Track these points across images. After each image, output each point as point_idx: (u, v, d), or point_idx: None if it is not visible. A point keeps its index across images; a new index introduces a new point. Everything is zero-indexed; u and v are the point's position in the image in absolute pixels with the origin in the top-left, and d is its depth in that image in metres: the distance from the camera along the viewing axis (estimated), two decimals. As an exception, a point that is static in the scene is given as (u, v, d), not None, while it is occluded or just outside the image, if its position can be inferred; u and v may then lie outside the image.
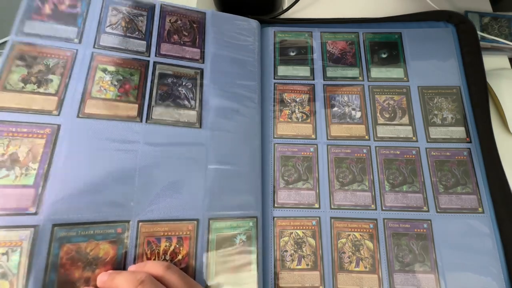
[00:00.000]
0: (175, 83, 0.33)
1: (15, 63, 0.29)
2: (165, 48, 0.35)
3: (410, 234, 0.31)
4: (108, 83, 0.31)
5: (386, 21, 0.42)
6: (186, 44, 0.36)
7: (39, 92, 0.29)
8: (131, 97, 0.31)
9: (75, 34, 0.32)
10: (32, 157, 0.26)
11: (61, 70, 0.30)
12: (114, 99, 0.31)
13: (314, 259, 0.31)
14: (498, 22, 0.43)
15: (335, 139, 0.35)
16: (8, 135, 0.27)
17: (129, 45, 0.34)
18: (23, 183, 0.26)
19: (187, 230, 0.29)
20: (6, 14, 0.47)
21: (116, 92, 0.31)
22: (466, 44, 0.39)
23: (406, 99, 0.37)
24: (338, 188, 0.33)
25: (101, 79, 0.31)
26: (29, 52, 0.30)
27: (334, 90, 0.38)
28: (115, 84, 0.31)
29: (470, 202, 0.32)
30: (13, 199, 0.25)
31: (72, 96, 0.29)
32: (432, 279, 0.30)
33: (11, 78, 0.29)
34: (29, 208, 0.25)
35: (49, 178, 0.26)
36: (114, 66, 0.32)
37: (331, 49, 0.40)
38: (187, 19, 0.37)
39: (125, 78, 0.32)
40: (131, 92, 0.31)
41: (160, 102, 0.32)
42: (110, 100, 0.30)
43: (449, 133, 0.35)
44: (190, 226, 0.29)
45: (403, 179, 0.34)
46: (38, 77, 0.29)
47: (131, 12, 0.35)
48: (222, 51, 0.37)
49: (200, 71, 0.35)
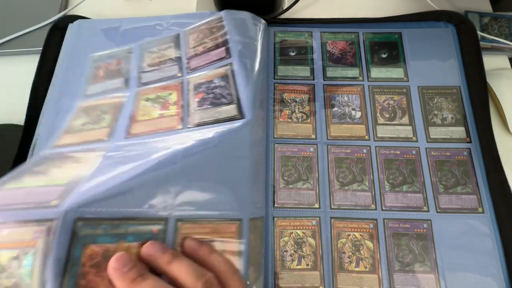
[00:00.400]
0: (208, 87, 0.34)
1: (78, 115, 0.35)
2: (194, 63, 0.37)
3: (410, 234, 0.31)
4: (150, 107, 0.34)
5: (386, 21, 0.42)
6: (211, 49, 0.37)
7: (94, 128, 0.34)
8: (171, 111, 0.33)
9: (122, 83, 0.37)
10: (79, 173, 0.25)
11: (112, 110, 0.35)
12: (157, 117, 0.33)
13: (314, 259, 0.31)
14: (498, 22, 0.43)
15: (335, 139, 0.35)
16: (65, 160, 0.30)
17: (165, 74, 0.37)
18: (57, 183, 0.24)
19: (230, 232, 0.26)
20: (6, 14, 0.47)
21: (158, 112, 0.33)
22: (466, 44, 0.39)
23: (406, 99, 0.37)
24: (338, 188, 0.33)
25: (144, 106, 0.34)
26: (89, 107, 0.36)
27: (334, 90, 0.38)
28: (155, 106, 0.34)
29: (470, 202, 0.32)
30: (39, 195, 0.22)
31: (120, 125, 0.33)
32: (432, 279, 0.30)
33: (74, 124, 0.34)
34: (51, 201, 0.21)
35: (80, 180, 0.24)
36: (154, 94, 0.35)
37: (331, 49, 0.40)
38: (206, 27, 0.39)
39: (164, 99, 0.34)
40: (172, 107, 0.34)
41: (198, 109, 0.33)
42: (154, 119, 0.33)
43: (449, 133, 0.35)
44: (233, 227, 0.26)
45: (403, 179, 0.34)
46: (95, 118, 0.35)
47: (161, 48, 0.39)
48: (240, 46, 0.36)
49: (229, 65, 0.34)
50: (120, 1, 0.48)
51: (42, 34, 0.42)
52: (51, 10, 0.46)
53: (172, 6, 0.46)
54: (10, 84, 0.43)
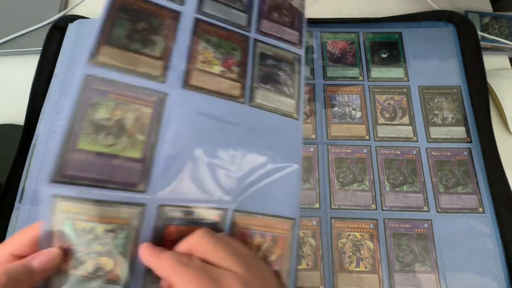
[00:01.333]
0: (275, 66, 0.30)
1: (118, 15, 0.26)
2: (265, 26, 0.31)
3: (410, 234, 0.31)
4: (212, 55, 0.28)
5: (386, 21, 0.42)
6: (286, 25, 0.32)
7: (144, 53, 0.25)
8: (234, 74, 0.28)
9: None
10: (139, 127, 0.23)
11: (165, 32, 0.27)
12: (219, 74, 0.28)
13: (314, 259, 0.31)
14: (498, 22, 0.43)
15: (336, 139, 0.35)
16: (114, 97, 0.23)
17: (231, 17, 0.30)
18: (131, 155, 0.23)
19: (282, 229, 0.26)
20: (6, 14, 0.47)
21: (220, 67, 0.28)
22: (467, 44, 0.39)
23: (406, 99, 0.37)
24: (339, 188, 0.33)
25: (205, 50, 0.28)
26: (132, 5, 0.26)
27: (334, 90, 0.38)
28: (219, 58, 0.28)
29: (471, 202, 0.32)
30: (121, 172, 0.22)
31: (177, 64, 0.26)
32: (433, 279, 0.30)
33: (115, 31, 0.25)
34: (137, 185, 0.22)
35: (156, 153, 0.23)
36: (217, 38, 0.29)
37: (331, 49, 0.40)
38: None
39: (228, 52, 0.29)
40: (234, 69, 0.28)
41: (262, 85, 0.29)
42: (214, 75, 0.27)
43: (449, 133, 0.35)
44: (285, 225, 0.26)
45: (404, 179, 0.34)
46: (143, 35, 0.26)
47: None
48: None
49: (298, 57, 0.32)
50: (120, 1, 0.48)
51: (42, 34, 0.42)
52: (51, 10, 0.46)
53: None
54: (10, 84, 0.43)
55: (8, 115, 0.40)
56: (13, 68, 0.44)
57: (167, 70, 0.26)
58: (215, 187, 0.25)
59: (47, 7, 0.47)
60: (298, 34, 0.32)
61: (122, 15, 0.25)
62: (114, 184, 0.22)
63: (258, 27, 0.31)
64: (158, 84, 0.25)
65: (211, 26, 0.29)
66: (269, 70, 0.30)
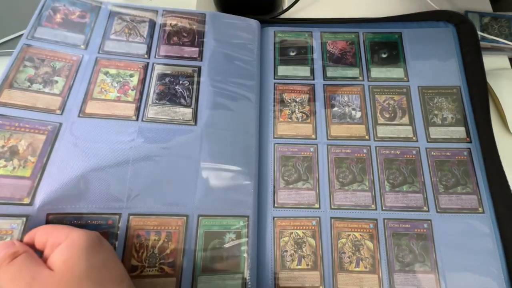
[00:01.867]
0: (172, 82, 0.34)
1: (24, 64, 0.31)
2: (164, 50, 0.36)
3: (410, 234, 0.31)
4: (108, 84, 0.33)
5: (386, 21, 0.42)
6: (185, 44, 0.37)
7: (44, 92, 0.31)
8: (129, 97, 0.33)
9: (82, 41, 0.35)
10: (31, 151, 0.28)
11: (66, 72, 0.32)
12: (113, 100, 0.32)
13: (314, 259, 0.31)
14: (498, 22, 0.43)
15: (335, 139, 0.35)
16: (10, 129, 0.28)
17: (131, 49, 0.36)
18: (20, 174, 0.27)
19: (176, 225, 0.29)
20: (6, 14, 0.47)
21: (116, 93, 0.33)
22: (466, 44, 0.39)
23: (406, 99, 0.37)
24: (338, 188, 0.33)
25: (103, 81, 0.33)
26: (38, 55, 0.32)
27: (334, 90, 0.38)
28: (115, 86, 0.33)
29: (470, 202, 0.32)
30: (8, 188, 0.26)
31: (75, 97, 0.31)
32: (432, 279, 0.30)
33: (19, 77, 0.31)
34: (23, 198, 0.26)
35: (45, 171, 0.27)
36: (116, 69, 0.34)
37: (331, 49, 0.40)
38: (188, 21, 0.38)
39: (124, 80, 0.34)
40: (129, 93, 0.33)
41: (157, 102, 0.33)
42: (109, 101, 0.32)
43: (449, 133, 0.35)
44: (179, 221, 0.29)
45: (403, 179, 0.34)
46: (44, 78, 0.31)
47: (135, 20, 0.37)
48: (221, 49, 0.37)
49: (197, 69, 0.35)
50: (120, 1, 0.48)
51: (42, 34, 0.42)
52: (51, 10, 0.46)
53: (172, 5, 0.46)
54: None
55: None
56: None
57: (65, 103, 0.31)
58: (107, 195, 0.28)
59: (47, 7, 0.46)
60: (198, 49, 0.37)
61: (27, 63, 0.32)
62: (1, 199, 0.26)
63: (158, 52, 0.36)
64: (55, 116, 0.30)
65: (110, 61, 0.34)
66: (166, 87, 0.34)
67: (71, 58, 0.33)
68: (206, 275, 0.29)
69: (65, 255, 0.22)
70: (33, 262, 0.22)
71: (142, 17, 0.37)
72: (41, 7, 0.35)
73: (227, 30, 0.39)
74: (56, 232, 0.23)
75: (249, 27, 0.40)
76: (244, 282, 0.29)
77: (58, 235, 0.23)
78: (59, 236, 0.23)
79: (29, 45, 0.33)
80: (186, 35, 0.37)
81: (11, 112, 0.29)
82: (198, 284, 0.28)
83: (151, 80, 0.34)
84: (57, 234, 0.23)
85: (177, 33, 0.37)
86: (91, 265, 0.22)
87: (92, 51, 0.34)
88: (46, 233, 0.24)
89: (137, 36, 0.36)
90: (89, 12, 0.37)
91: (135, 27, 0.37)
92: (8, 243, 0.23)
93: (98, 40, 0.35)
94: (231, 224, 0.31)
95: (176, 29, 0.37)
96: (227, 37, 0.38)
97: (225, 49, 0.37)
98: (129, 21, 0.37)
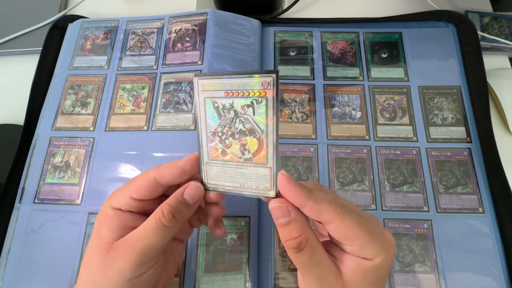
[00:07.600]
0: (176, 89, 0.36)
1: (68, 92, 0.38)
2: (170, 58, 0.38)
3: (410, 234, 0.31)
4: (125, 99, 0.37)
5: (386, 21, 0.42)
6: (188, 49, 0.38)
7: (82, 113, 0.37)
8: (141, 109, 0.37)
9: (105, 61, 0.39)
10: (77, 163, 0.35)
11: (95, 93, 0.38)
12: (129, 113, 0.36)
13: (314, 259, 0.31)
14: (498, 22, 0.43)
15: (335, 139, 0.35)
16: (64, 147, 0.35)
17: (142, 63, 0.39)
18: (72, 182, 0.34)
19: None
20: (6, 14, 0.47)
21: (131, 107, 0.37)
22: (466, 44, 0.39)
23: (406, 99, 0.37)
24: (338, 188, 0.33)
25: (121, 97, 0.37)
26: (76, 82, 0.39)
27: (334, 90, 0.38)
28: (130, 100, 0.37)
29: (471, 202, 0.32)
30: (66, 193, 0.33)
31: (102, 114, 0.37)
32: (433, 279, 0.30)
33: (66, 104, 0.38)
34: (75, 200, 0.33)
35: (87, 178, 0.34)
36: (130, 83, 0.38)
37: (331, 49, 0.40)
38: (190, 24, 0.39)
39: (137, 93, 0.37)
40: (141, 105, 0.37)
41: (163, 110, 0.36)
42: (126, 114, 0.36)
43: (449, 133, 0.35)
44: None
45: (404, 179, 0.34)
46: (81, 101, 0.38)
47: (145, 32, 0.41)
48: (221, 50, 0.37)
49: (199, 72, 0.36)
50: (120, 1, 0.48)
51: (42, 34, 0.42)
52: (51, 10, 0.46)
53: (172, 6, 0.46)
54: (10, 84, 0.43)
55: (8, 115, 0.40)
56: (13, 68, 0.44)
57: (96, 121, 0.36)
58: None
59: (47, 7, 0.47)
60: (199, 52, 0.38)
61: (70, 91, 0.38)
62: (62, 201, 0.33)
63: (164, 62, 0.39)
64: (90, 132, 0.36)
65: (126, 76, 0.38)
66: (170, 95, 0.37)
67: (98, 80, 0.38)
68: (209, 276, 0.29)
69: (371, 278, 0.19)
70: None
71: (152, 28, 0.40)
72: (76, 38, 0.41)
73: (228, 29, 0.39)
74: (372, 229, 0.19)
75: (250, 26, 0.40)
76: (245, 282, 0.29)
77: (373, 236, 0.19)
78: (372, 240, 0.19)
79: (70, 75, 0.39)
80: (189, 39, 0.38)
81: (64, 134, 0.36)
82: (200, 284, 0.29)
83: (159, 90, 0.37)
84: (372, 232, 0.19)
85: (180, 39, 0.39)
86: None
87: (113, 70, 0.39)
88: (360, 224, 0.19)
89: (147, 48, 0.40)
90: (109, 33, 0.41)
91: (145, 40, 0.40)
92: None
93: (117, 58, 0.39)
94: (233, 225, 0.31)
95: (180, 34, 0.39)
96: (228, 37, 0.38)
97: (225, 50, 0.37)
98: (141, 35, 0.40)
